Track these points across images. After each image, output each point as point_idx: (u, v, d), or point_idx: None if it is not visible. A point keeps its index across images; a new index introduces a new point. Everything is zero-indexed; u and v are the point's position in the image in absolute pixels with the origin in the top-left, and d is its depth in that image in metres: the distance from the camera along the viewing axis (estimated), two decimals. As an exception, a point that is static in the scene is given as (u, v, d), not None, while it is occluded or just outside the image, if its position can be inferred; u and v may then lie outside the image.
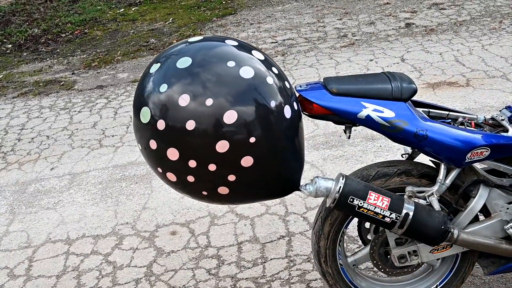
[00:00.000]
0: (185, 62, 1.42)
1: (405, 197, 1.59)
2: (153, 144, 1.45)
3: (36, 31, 6.65)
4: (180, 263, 2.39)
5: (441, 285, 1.84)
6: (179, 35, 5.91)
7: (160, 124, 1.41)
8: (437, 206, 1.61)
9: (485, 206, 1.69)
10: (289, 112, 1.47)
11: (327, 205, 1.58)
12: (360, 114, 1.53)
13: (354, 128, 1.65)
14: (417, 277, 1.89)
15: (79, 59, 5.61)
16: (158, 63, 1.47)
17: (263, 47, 5.18)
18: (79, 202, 2.98)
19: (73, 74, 5.19)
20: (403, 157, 1.85)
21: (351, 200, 1.52)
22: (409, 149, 1.82)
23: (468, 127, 1.63)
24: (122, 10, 7.31)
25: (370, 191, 1.54)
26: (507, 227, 1.67)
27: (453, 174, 1.64)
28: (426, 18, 5.43)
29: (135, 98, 1.51)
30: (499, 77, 3.86)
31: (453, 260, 1.82)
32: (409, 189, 1.62)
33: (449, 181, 1.64)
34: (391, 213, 1.53)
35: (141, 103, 1.46)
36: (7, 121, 4.21)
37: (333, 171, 2.95)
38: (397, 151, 3.00)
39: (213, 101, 1.37)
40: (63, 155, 3.56)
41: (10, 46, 6.32)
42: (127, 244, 2.57)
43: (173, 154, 1.42)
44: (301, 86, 1.61)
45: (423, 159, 1.74)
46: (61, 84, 4.94)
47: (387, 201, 1.54)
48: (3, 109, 4.49)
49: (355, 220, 1.83)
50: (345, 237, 2.35)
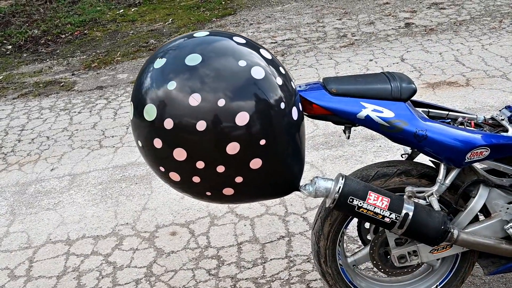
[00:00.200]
0: (194, 59, 1.36)
1: (405, 197, 1.59)
2: (157, 143, 1.39)
3: (36, 32, 6.66)
4: (180, 263, 2.39)
5: (441, 285, 1.84)
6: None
7: (167, 123, 1.35)
8: (436, 206, 1.61)
9: (485, 206, 1.69)
10: (296, 113, 1.46)
11: (327, 205, 1.58)
12: (359, 114, 1.53)
13: (353, 128, 1.65)
14: (417, 277, 1.89)
15: (79, 60, 5.61)
16: (163, 58, 1.40)
17: (263, 48, 5.18)
18: (79, 202, 2.98)
19: (73, 75, 5.19)
20: (402, 157, 1.85)
21: (351, 200, 1.52)
22: (409, 149, 1.82)
23: (467, 127, 1.63)
24: (121, 11, 7.31)
25: (369, 191, 1.54)
26: (507, 227, 1.67)
27: (453, 174, 1.64)
28: (425, 17, 5.42)
29: (136, 93, 1.43)
30: (499, 77, 3.86)
31: (453, 260, 1.82)
32: (408, 189, 1.62)
33: (448, 181, 1.64)
34: (391, 213, 1.53)
35: (145, 99, 1.39)
36: (7, 122, 4.21)
37: (332, 171, 2.95)
38: (397, 151, 3.00)
39: (225, 102, 1.33)
40: (63, 156, 3.56)
41: (10, 47, 6.33)
42: (127, 244, 2.57)
43: (180, 154, 1.38)
44: (300, 86, 1.61)
45: (423, 159, 1.74)
46: (61, 85, 4.95)
47: (386, 201, 1.54)
48: (3, 110, 4.49)
49: (355, 220, 1.83)
50: (345, 237, 2.35)
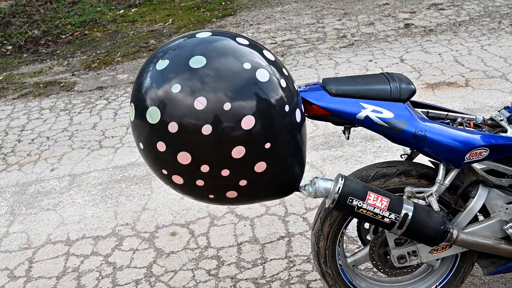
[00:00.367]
0: (199, 61, 1.34)
1: (404, 197, 1.59)
2: (161, 146, 1.37)
3: (36, 32, 6.66)
4: (180, 264, 2.40)
5: (441, 285, 1.84)
6: (179, 36, 5.91)
7: (172, 126, 1.33)
8: (436, 206, 1.61)
9: (484, 206, 1.69)
10: (299, 115, 1.46)
11: (327, 206, 1.58)
12: (359, 114, 1.53)
13: (353, 128, 1.65)
14: (417, 278, 1.89)
15: (79, 61, 5.62)
16: (165, 60, 1.38)
17: (262, 48, 5.18)
18: (79, 203, 2.98)
19: (73, 75, 5.20)
20: (402, 158, 1.85)
21: (350, 200, 1.53)
22: (408, 150, 1.82)
23: (467, 128, 1.64)
24: (121, 11, 7.31)
25: (369, 192, 1.54)
26: (506, 227, 1.67)
27: (452, 174, 1.64)
28: (425, 18, 5.43)
29: (137, 94, 1.41)
30: (498, 77, 3.87)
31: (452, 260, 1.82)
32: (408, 189, 1.62)
33: (448, 181, 1.64)
34: (390, 214, 1.54)
35: (147, 101, 1.36)
36: (7, 123, 4.21)
37: (332, 171, 2.95)
38: (396, 152, 3.00)
39: (231, 106, 1.32)
40: (63, 156, 3.56)
41: (10, 47, 6.33)
42: (127, 245, 2.57)
43: (185, 158, 1.36)
44: (300, 87, 1.61)
45: (422, 159, 1.75)
46: (61, 85, 4.95)
47: (386, 201, 1.54)
48: (3, 110, 4.49)
49: (355, 220, 1.83)
50: (345, 238, 2.35)
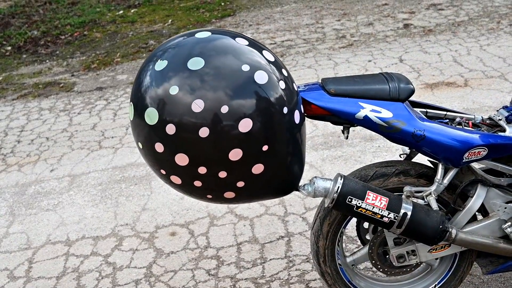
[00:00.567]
0: (197, 63, 1.33)
1: (403, 197, 1.60)
2: (159, 147, 1.38)
3: (35, 33, 6.66)
4: (179, 263, 2.40)
5: (440, 285, 1.85)
6: (178, 37, 5.92)
7: (169, 128, 1.34)
8: (435, 205, 1.61)
9: (483, 205, 1.70)
10: (298, 117, 1.45)
11: (326, 205, 1.59)
12: (358, 114, 1.54)
13: (352, 128, 1.66)
14: (416, 277, 1.90)
15: (79, 61, 5.62)
16: (164, 60, 1.38)
17: (262, 48, 5.18)
18: (78, 203, 2.98)
19: (72, 76, 5.20)
20: (401, 157, 1.86)
21: (349, 200, 1.53)
22: (407, 149, 1.83)
23: (465, 127, 1.64)
24: (121, 12, 7.32)
25: (368, 191, 1.55)
26: (505, 226, 1.67)
27: (451, 174, 1.65)
28: (424, 18, 5.44)
29: (136, 94, 1.41)
30: (497, 77, 3.87)
31: (451, 259, 1.83)
32: (407, 189, 1.62)
33: (447, 181, 1.64)
34: (389, 213, 1.54)
35: (146, 102, 1.37)
36: (6, 123, 4.22)
37: (331, 171, 2.95)
38: (396, 151, 3.01)
39: (228, 109, 1.31)
40: (62, 156, 3.56)
41: (9, 48, 6.33)
42: (126, 245, 2.58)
43: (182, 159, 1.37)
44: (299, 87, 1.62)
45: (421, 159, 1.75)
46: (61, 86, 4.95)
47: (385, 201, 1.54)
48: (2, 111, 4.50)
49: (354, 220, 1.84)
50: (344, 237, 2.36)
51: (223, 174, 1.39)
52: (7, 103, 4.67)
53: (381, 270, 1.81)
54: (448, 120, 1.70)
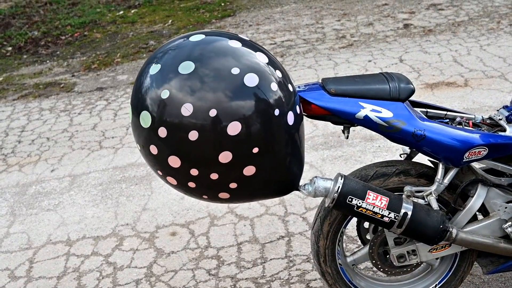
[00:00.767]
0: (187, 67, 1.35)
1: (404, 196, 1.60)
2: (153, 149, 1.41)
3: (36, 33, 6.67)
4: (180, 263, 2.40)
5: (440, 285, 1.85)
6: (179, 37, 5.92)
7: (161, 131, 1.36)
8: (435, 205, 1.61)
9: (483, 205, 1.70)
10: (292, 118, 1.45)
11: (326, 205, 1.59)
12: (358, 114, 1.54)
13: (352, 128, 1.66)
14: (416, 277, 1.90)
15: (79, 61, 5.63)
16: (158, 64, 1.40)
17: (262, 49, 5.18)
18: (79, 203, 2.98)
19: (73, 76, 5.20)
20: (401, 157, 1.86)
21: (350, 200, 1.53)
22: (408, 149, 1.83)
23: (466, 127, 1.64)
24: (121, 12, 7.32)
25: (368, 191, 1.55)
26: (505, 226, 1.68)
27: (451, 173, 1.65)
28: (424, 18, 5.44)
29: (134, 97, 1.45)
30: (497, 77, 3.87)
31: (452, 259, 1.83)
32: (407, 188, 1.62)
33: (447, 180, 1.65)
34: (390, 213, 1.54)
35: (141, 106, 1.40)
36: (7, 123, 4.22)
37: (332, 171, 2.96)
38: (396, 151, 3.01)
39: (217, 112, 1.32)
40: (63, 156, 3.56)
41: (10, 48, 6.34)
42: (127, 245, 2.58)
43: (175, 161, 1.40)
44: (299, 87, 1.62)
45: (422, 159, 1.75)
46: (61, 86, 4.95)
47: (385, 200, 1.55)
48: (3, 111, 4.50)
49: (354, 220, 1.84)
50: (344, 237, 2.36)
51: (214, 176, 1.40)
52: (7, 104, 4.67)
53: (382, 270, 1.81)
54: (448, 120, 1.70)
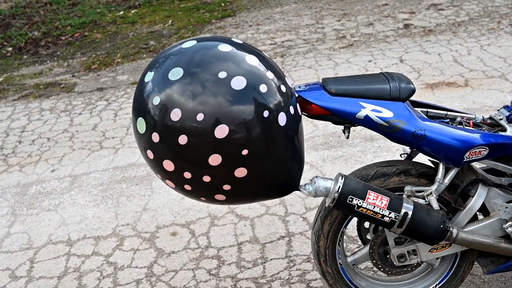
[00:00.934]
0: (176, 73, 1.39)
1: (404, 196, 1.60)
2: (150, 154, 1.47)
3: (36, 34, 6.67)
4: (180, 263, 2.40)
5: (441, 284, 1.85)
6: (179, 37, 5.93)
7: (154, 136, 1.41)
8: (436, 205, 1.61)
9: (484, 205, 1.70)
10: (284, 119, 1.44)
11: (327, 205, 1.59)
12: (358, 114, 1.54)
13: (353, 128, 1.66)
14: (417, 276, 1.90)
15: (79, 62, 5.63)
16: (152, 72, 1.45)
17: (262, 49, 5.19)
18: (80, 203, 2.99)
19: (73, 76, 5.20)
20: (402, 157, 1.86)
21: (350, 199, 1.53)
22: (408, 149, 1.83)
23: (466, 127, 1.65)
24: (121, 12, 7.33)
25: (369, 191, 1.55)
26: (506, 226, 1.68)
27: (452, 173, 1.65)
28: (424, 19, 5.44)
29: (133, 104, 1.50)
30: (497, 77, 3.87)
31: (452, 259, 1.83)
32: (408, 188, 1.63)
33: (447, 180, 1.65)
34: (390, 213, 1.54)
35: (138, 112, 1.46)
36: (7, 124, 4.22)
37: (332, 171, 2.96)
38: (396, 151, 3.01)
39: (204, 116, 1.35)
40: (63, 157, 3.57)
41: (10, 49, 6.34)
42: (127, 245, 2.58)
43: (169, 165, 1.44)
44: (300, 86, 1.62)
45: (422, 159, 1.76)
46: (62, 86, 4.96)
47: (386, 200, 1.55)
48: (3, 111, 4.50)
49: (355, 219, 1.84)
50: (345, 237, 2.36)
51: (207, 178, 1.43)
52: (8, 104, 4.68)
53: (382, 269, 1.81)
54: (449, 119, 1.71)
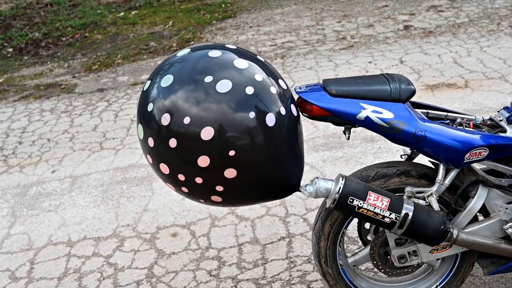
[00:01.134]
0: (167, 80, 1.46)
1: (405, 197, 1.60)
2: (149, 158, 1.54)
3: (36, 35, 6.68)
4: (181, 264, 2.40)
5: (441, 285, 1.85)
6: (179, 38, 5.93)
7: (150, 141, 1.49)
8: (436, 206, 1.62)
9: (484, 206, 1.70)
10: (272, 120, 1.46)
11: (327, 206, 1.59)
12: (359, 115, 1.54)
13: (353, 129, 1.66)
14: (417, 277, 1.90)
15: (80, 63, 5.63)
16: (149, 81, 1.54)
17: (262, 50, 5.20)
18: (80, 204, 2.99)
19: (73, 77, 5.21)
20: (402, 158, 1.86)
21: (351, 200, 1.54)
22: (408, 150, 1.83)
23: (466, 128, 1.65)
24: (122, 13, 7.33)
25: (369, 192, 1.55)
26: (506, 227, 1.68)
27: (452, 174, 1.65)
28: (424, 20, 5.45)
29: (136, 112, 1.58)
30: (497, 79, 3.88)
31: (452, 260, 1.83)
32: (408, 189, 1.63)
33: (448, 181, 1.65)
34: (391, 214, 1.54)
35: (138, 119, 1.55)
36: (8, 124, 4.22)
37: (332, 172, 2.96)
38: (397, 152, 3.01)
39: (190, 119, 1.41)
40: (64, 157, 3.57)
41: (11, 50, 6.35)
42: (128, 246, 2.58)
43: (165, 168, 1.51)
44: (300, 88, 1.62)
45: (422, 160, 1.76)
46: (62, 87, 4.96)
47: (386, 201, 1.55)
48: (4, 112, 4.50)
49: (355, 220, 1.84)
50: (345, 238, 2.36)
51: (199, 180, 1.48)
52: (8, 105, 4.68)
53: (383, 270, 1.81)
54: (449, 121, 1.71)
